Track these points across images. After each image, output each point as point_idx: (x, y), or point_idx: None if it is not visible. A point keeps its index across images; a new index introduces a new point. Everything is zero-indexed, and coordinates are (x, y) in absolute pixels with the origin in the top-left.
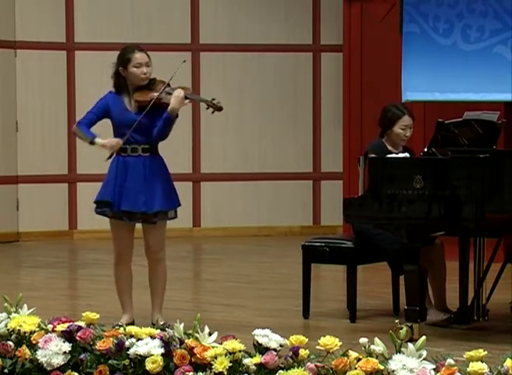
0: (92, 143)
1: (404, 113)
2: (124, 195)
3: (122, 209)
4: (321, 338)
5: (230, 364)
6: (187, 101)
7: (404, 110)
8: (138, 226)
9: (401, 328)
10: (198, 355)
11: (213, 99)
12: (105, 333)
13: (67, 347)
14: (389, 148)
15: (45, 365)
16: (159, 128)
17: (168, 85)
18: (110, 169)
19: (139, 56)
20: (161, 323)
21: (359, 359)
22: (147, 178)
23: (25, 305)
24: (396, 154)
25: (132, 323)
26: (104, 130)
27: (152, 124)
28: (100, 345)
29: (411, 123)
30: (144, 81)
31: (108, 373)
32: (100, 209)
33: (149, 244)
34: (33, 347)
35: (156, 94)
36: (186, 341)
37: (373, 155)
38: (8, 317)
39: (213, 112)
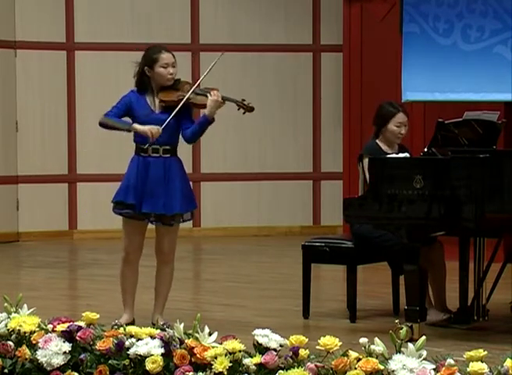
0: (129, 130)
1: (399, 110)
2: (145, 197)
3: (143, 211)
4: (321, 338)
5: (230, 364)
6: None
7: (399, 107)
8: (150, 227)
9: (401, 328)
10: (198, 355)
11: (243, 100)
12: (105, 333)
13: (67, 347)
14: (384, 148)
15: (45, 365)
16: (194, 131)
17: (198, 85)
18: (130, 169)
19: (166, 57)
20: (161, 323)
21: (359, 359)
22: (166, 180)
23: (25, 305)
24: (396, 154)
25: (132, 323)
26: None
27: (176, 125)
28: (100, 345)
29: (406, 120)
30: (169, 82)
31: (108, 373)
32: (119, 210)
33: (161, 246)
34: (33, 347)
35: (184, 94)
36: (186, 341)
37: (370, 156)
38: (8, 317)
39: (244, 113)
